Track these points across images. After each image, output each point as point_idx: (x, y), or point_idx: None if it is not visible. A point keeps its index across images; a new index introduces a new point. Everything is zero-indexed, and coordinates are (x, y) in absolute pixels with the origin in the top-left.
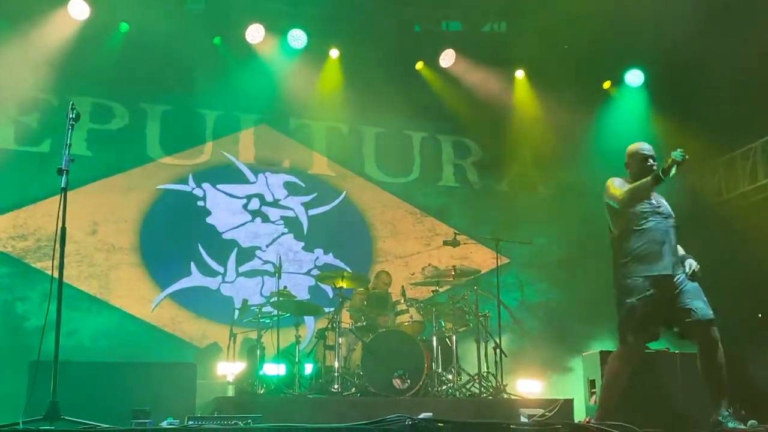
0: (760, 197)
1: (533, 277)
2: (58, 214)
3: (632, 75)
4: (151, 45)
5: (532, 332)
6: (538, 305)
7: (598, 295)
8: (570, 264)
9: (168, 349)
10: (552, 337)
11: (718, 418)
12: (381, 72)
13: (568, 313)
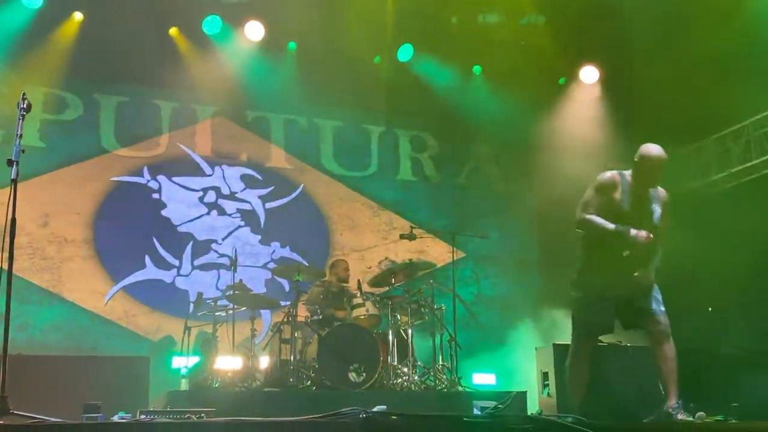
0: (712, 192)
1: (489, 271)
2: (8, 206)
3: (587, 71)
4: (106, 35)
5: (488, 325)
6: (494, 299)
7: (553, 289)
8: (526, 258)
9: (121, 343)
10: (507, 330)
11: (668, 409)
12: (340, 65)
13: (524, 307)
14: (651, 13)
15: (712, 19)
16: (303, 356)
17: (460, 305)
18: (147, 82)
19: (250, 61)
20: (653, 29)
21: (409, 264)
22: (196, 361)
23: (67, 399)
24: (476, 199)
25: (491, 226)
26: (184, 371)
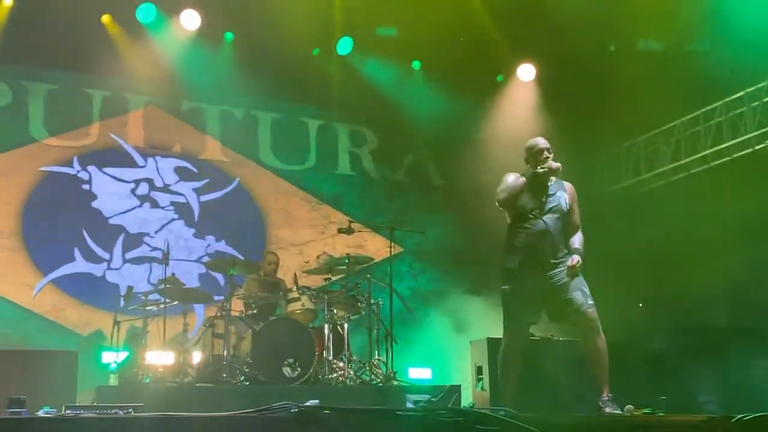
0: (642, 190)
1: (426, 266)
2: None
3: (524, 69)
4: (37, 21)
5: (424, 320)
6: (431, 293)
7: (488, 284)
8: (463, 253)
9: (50, 337)
10: (443, 324)
11: (598, 402)
12: (278, 57)
13: (460, 302)
14: (588, 13)
15: (645, 25)
16: (236, 351)
17: (397, 300)
18: (78, 70)
19: (185, 50)
20: (589, 30)
21: (346, 259)
22: (125, 356)
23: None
24: (415, 195)
25: (429, 221)
26: (114, 366)
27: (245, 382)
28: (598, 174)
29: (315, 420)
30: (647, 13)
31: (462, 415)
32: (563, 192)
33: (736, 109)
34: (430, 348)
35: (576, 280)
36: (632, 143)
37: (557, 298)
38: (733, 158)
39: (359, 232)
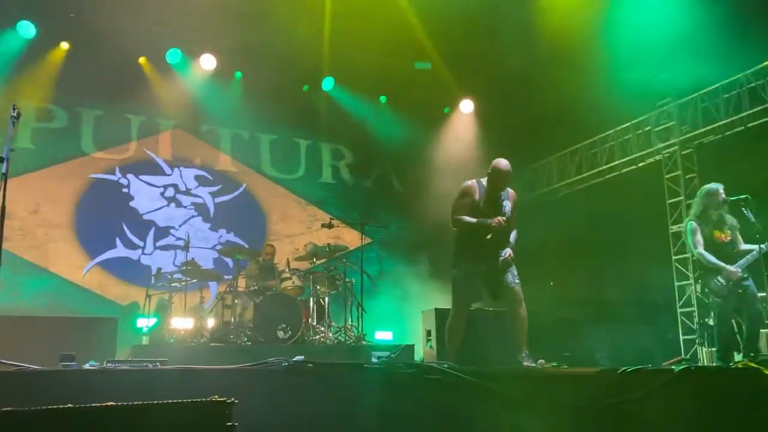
0: (554, 197)
1: (389, 253)
2: (1, 196)
3: (465, 104)
4: (88, 61)
5: (387, 294)
6: (392, 274)
7: (436, 267)
8: (417, 243)
9: (96, 307)
10: (401, 298)
11: (518, 357)
12: (276, 91)
13: (414, 280)
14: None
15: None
16: (241, 319)
17: (366, 279)
18: (120, 100)
19: (204, 85)
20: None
21: (327, 247)
22: (155, 322)
23: (50, 352)
24: (380, 198)
25: (391, 218)
26: (146, 330)
27: (248, 342)
28: (521, 184)
29: (301, 371)
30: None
31: (414, 367)
32: (508, 201)
33: (624, 135)
34: (391, 316)
35: (508, 265)
36: (547, 160)
37: (495, 280)
38: (621, 173)
39: (338, 226)
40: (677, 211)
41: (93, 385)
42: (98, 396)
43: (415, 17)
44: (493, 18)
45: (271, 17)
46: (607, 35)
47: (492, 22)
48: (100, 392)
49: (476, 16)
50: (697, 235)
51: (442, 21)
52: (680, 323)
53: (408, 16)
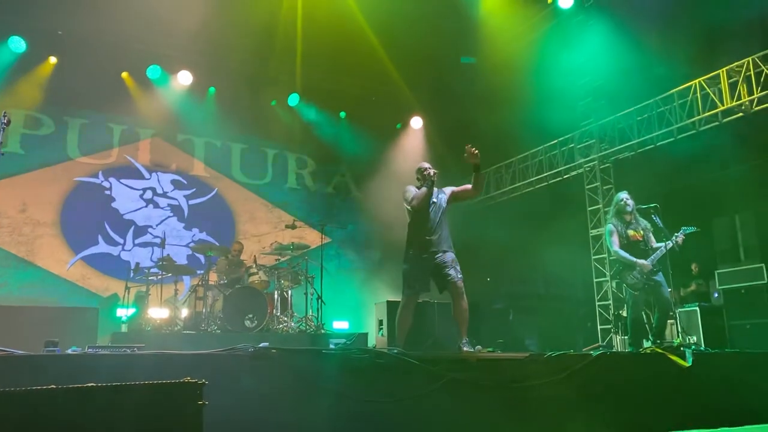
0: (492, 203)
1: (347, 251)
2: None
3: (415, 120)
4: (75, 74)
5: (345, 288)
6: (349, 269)
7: (388, 263)
8: (371, 242)
9: (79, 298)
10: (357, 291)
11: (460, 344)
12: (246, 105)
13: (368, 275)
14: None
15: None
16: (212, 309)
17: (326, 274)
18: (104, 110)
19: (180, 98)
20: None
21: (291, 246)
22: (133, 312)
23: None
24: (339, 202)
25: (349, 220)
26: (125, 319)
27: (218, 331)
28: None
29: (265, 357)
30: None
31: (367, 352)
32: (443, 195)
33: (552, 151)
34: (347, 307)
35: (451, 260)
36: (486, 171)
37: (440, 274)
38: (549, 183)
39: (300, 227)
40: (596, 217)
41: (75, 369)
42: (80, 378)
43: (375, 42)
44: (444, 46)
45: (243, 38)
46: (539, 67)
47: (443, 50)
48: (82, 375)
49: (429, 46)
50: (614, 236)
51: (398, 45)
52: (598, 315)
53: (369, 41)
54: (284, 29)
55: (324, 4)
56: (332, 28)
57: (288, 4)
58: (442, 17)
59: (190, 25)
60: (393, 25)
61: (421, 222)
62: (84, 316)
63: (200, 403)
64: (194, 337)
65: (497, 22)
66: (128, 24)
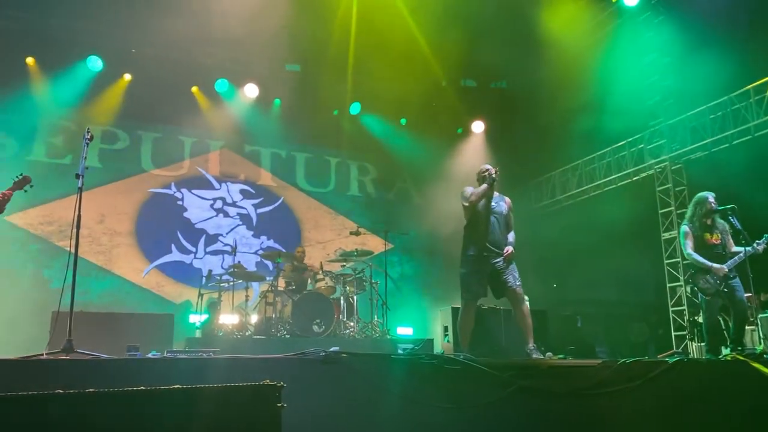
0: (556, 208)
1: (409, 257)
2: (75, 207)
3: (476, 125)
4: (148, 90)
5: (408, 294)
6: (412, 276)
7: (450, 269)
8: (433, 248)
9: (154, 305)
10: (421, 297)
11: (526, 350)
12: (310, 116)
13: (432, 281)
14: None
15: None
16: (281, 314)
17: (389, 280)
18: (175, 124)
19: (247, 110)
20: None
21: (355, 252)
22: (206, 318)
23: (116, 343)
24: (401, 209)
25: (411, 227)
26: (198, 325)
27: (287, 336)
28: (526, 196)
29: (336, 360)
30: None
31: (435, 358)
32: (503, 202)
33: (620, 152)
34: (411, 313)
35: (510, 267)
36: (551, 175)
37: (498, 280)
38: (617, 186)
39: (364, 234)
40: (668, 220)
41: (156, 372)
42: (161, 380)
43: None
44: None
45: (305, 52)
46: (604, 67)
47: (504, 53)
48: (163, 377)
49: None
50: (688, 239)
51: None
52: (671, 321)
53: (427, 47)
54: (341, 39)
55: (380, 13)
56: (389, 35)
57: (343, 14)
58: (501, 19)
59: (255, 38)
60: (451, 29)
61: (479, 223)
62: (161, 322)
63: (279, 405)
64: (264, 341)
65: (560, 23)
66: (197, 40)
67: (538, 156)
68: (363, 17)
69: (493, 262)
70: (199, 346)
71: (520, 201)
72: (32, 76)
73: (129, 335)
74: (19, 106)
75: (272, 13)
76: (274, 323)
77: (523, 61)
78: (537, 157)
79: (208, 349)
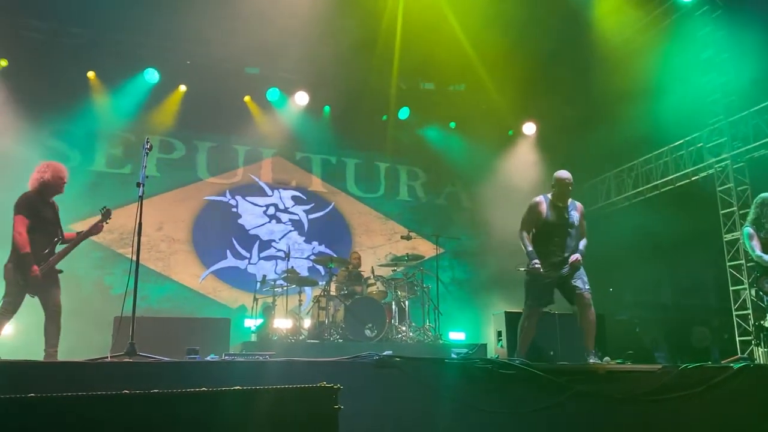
0: (612, 209)
1: (460, 262)
2: (136, 215)
3: (527, 126)
4: (202, 100)
5: (459, 299)
6: (464, 280)
7: (502, 273)
8: (484, 252)
9: (211, 309)
10: (472, 301)
11: (585, 355)
12: (359, 122)
13: (484, 285)
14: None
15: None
16: (334, 319)
17: (441, 285)
18: (229, 132)
19: (298, 118)
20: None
21: (406, 257)
22: (261, 322)
23: (175, 346)
24: (451, 213)
25: (462, 231)
26: (253, 329)
27: (339, 340)
28: (580, 199)
29: (390, 365)
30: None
31: (490, 363)
32: (575, 211)
33: (678, 152)
34: (463, 318)
35: (579, 272)
36: (605, 176)
37: (567, 285)
38: (675, 186)
39: (414, 238)
40: (730, 221)
41: (215, 374)
42: (220, 382)
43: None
44: (554, 44)
45: (355, 58)
46: (659, 64)
47: (553, 48)
48: (222, 379)
49: (540, 49)
50: (754, 240)
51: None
52: (736, 325)
53: (474, 48)
54: (386, 43)
55: (426, 15)
56: (436, 38)
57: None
58: (553, 18)
59: (304, 47)
60: (500, 29)
61: (551, 234)
62: (218, 326)
63: (336, 407)
64: (318, 345)
65: (613, 20)
66: (248, 50)
67: (592, 157)
68: (409, 21)
69: (560, 270)
70: (254, 350)
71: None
72: (93, 90)
73: (188, 339)
74: (81, 118)
75: (320, 22)
76: (327, 327)
77: (575, 60)
78: (591, 158)
79: (264, 353)
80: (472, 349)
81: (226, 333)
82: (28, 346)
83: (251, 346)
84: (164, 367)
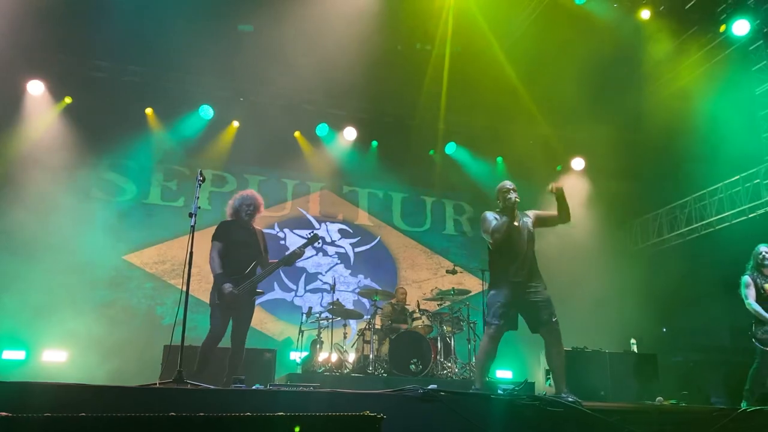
0: (664, 247)
1: None
2: (188, 245)
3: (576, 162)
4: (254, 136)
5: (506, 335)
6: None
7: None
8: None
9: (257, 341)
10: (520, 339)
11: (561, 395)
12: (406, 156)
13: None
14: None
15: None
16: (379, 352)
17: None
18: (278, 167)
19: (346, 153)
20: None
21: (452, 291)
22: (306, 355)
23: (222, 376)
24: None
25: None
26: (299, 361)
27: (384, 374)
28: (632, 235)
29: (435, 398)
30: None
31: (537, 399)
32: (527, 218)
33: (734, 188)
34: (510, 356)
35: (547, 301)
36: (657, 213)
37: (533, 314)
38: (732, 223)
39: (460, 273)
40: None
41: (260, 402)
42: (266, 411)
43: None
44: (605, 79)
45: (401, 94)
46: (714, 99)
47: (603, 82)
48: (266, 408)
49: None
50: (750, 288)
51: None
52: None
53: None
54: (434, 79)
55: (473, 53)
56: (483, 74)
57: (436, 55)
58: (603, 55)
59: (353, 85)
60: (549, 67)
61: (507, 250)
62: (263, 358)
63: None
64: (362, 379)
65: (664, 55)
66: (299, 88)
67: (643, 193)
68: (457, 57)
69: (529, 294)
70: (299, 382)
71: (624, 241)
72: (150, 125)
73: (234, 369)
74: (138, 152)
75: (368, 60)
76: (372, 362)
77: (626, 97)
78: (642, 194)
79: (309, 384)
80: (519, 385)
81: (271, 364)
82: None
83: (296, 378)
84: (210, 394)
